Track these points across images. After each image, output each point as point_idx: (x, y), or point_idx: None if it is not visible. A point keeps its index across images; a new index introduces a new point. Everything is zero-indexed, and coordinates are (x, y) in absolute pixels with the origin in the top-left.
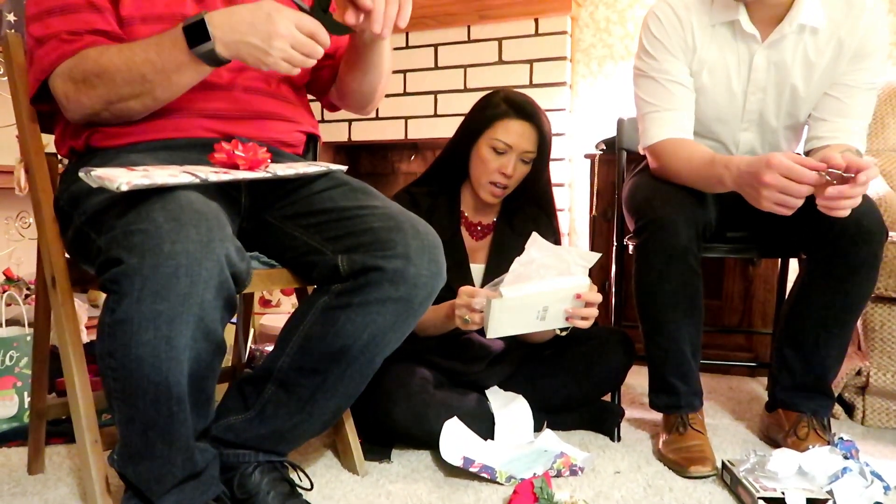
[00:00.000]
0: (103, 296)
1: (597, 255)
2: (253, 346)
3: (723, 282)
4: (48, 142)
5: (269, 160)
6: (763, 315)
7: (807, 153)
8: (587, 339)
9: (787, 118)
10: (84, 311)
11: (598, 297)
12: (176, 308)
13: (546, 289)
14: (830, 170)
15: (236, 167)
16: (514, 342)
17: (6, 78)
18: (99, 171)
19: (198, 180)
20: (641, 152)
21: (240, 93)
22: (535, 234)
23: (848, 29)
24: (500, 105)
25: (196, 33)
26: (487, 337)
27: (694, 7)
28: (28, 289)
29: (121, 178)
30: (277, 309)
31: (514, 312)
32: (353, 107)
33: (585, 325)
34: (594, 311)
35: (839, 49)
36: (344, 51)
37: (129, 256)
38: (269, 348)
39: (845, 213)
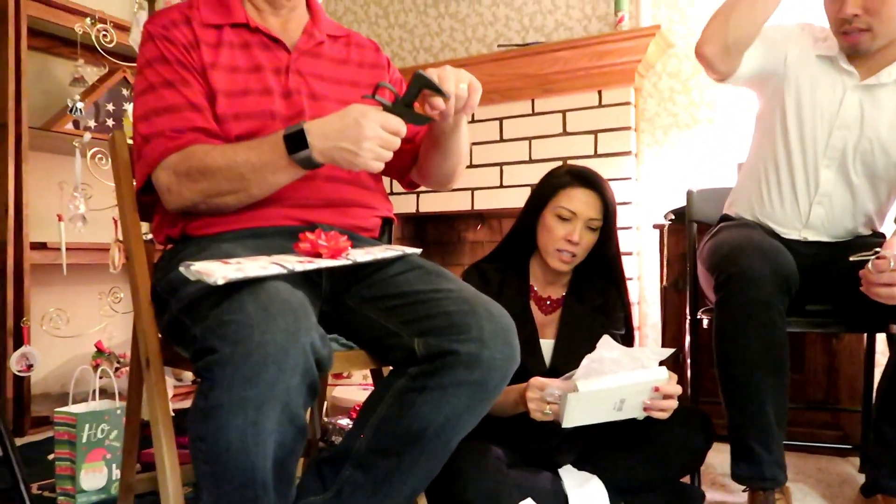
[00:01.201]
0: (187, 371)
1: (670, 351)
2: (325, 420)
3: (804, 354)
4: (145, 229)
5: (349, 247)
6: (850, 391)
7: None
8: (665, 419)
9: (865, 167)
10: (170, 384)
11: (678, 390)
12: (264, 395)
13: (623, 382)
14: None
15: (319, 256)
16: (578, 434)
17: (107, 167)
18: (197, 266)
19: (285, 271)
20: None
21: (322, 181)
22: (605, 337)
23: None
24: (564, 176)
25: (295, 141)
26: (563, 427)
27: (806, 34)
28: (118, 361)
29: (217, 273)
30: (349, 381)
31: (591, 405)
32: (434, 185)
33: (664, 416)
34: (674, 403)
35: None
36: (423, 135)
37: (223, 345)
38: (342, 421)
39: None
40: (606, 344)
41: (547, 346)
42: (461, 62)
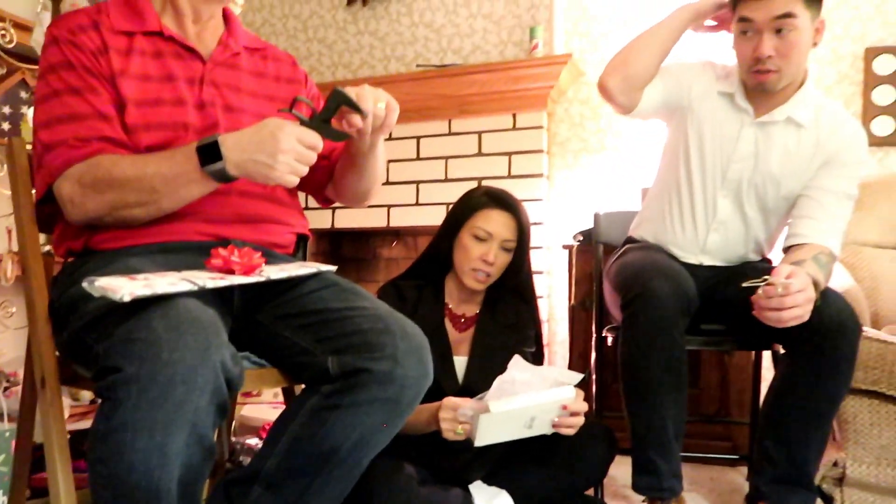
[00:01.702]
0: (84, 390)
1: (579, 375)
2: (234, 439)
3: (700, 370)
4: (43, 241)
5: (263, 264)
6: (740, 405)
7: (786, 249)
8: None
9: (757, 199)
10: (66, 404)
11: (585, 407)
12: (171, 415)
13: (534, 402)
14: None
15: (232, 272)
16: (490, 450)
17: (3, 174)
18: (102, 282)
19: (195, 287)
20: None
21: (236, 197)
22: (516, 357)
23: (827, 134)
24: (481, 197)
25: (209, 153)
26: (475, 446)
27: (709, 70)
28: (8, 380)
29: (123, 289)
30: (258, 399)
31: (502, 424)
32: (350, 202)
33: (571, 432)
34: (580, 420)
35: (815, 149)
36: (340, 152)
37: (128, 364)
38: (251, 440)
39: (782, 324)
40: (517, 364)
41: (460, 363)
42: (380, 79)
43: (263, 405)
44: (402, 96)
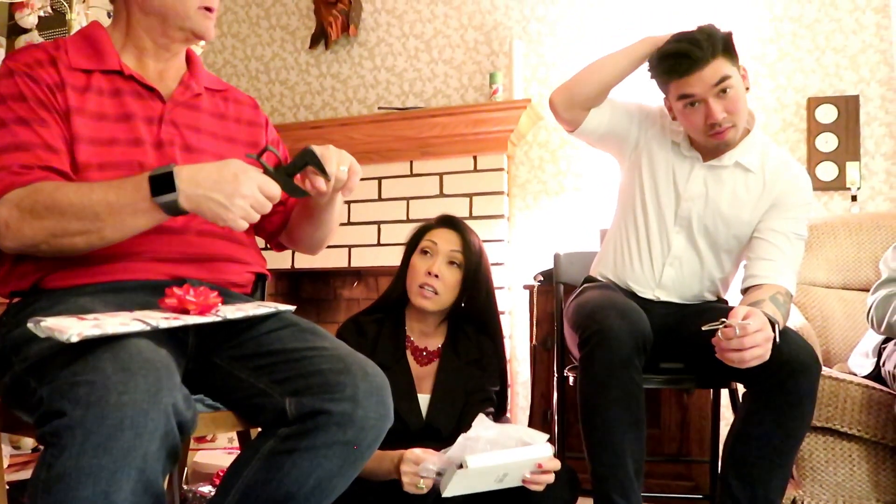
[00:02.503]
0: (26, 438)
1: (544, 436)
2: (185, 487)
3: (660, 410)
4: None
5: (219, 303)
6: (700, 444)
7: (743, 290)
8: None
9: (708, 237)
10: (6, 452)
11: (557, 465)
12: (118, 462)
13: (510, 459)
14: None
15: (187, 312)
16: None
17: None
18: (49, 322)
19: (148, 328)
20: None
21: (193, 236)
22: (480, 416)
23: (773, 178)
24: (431, 221)
25: (161, 183)
26: (443, 496)
27: (664, 118)
28: None
29: (71, 330)
30: (212, 444)
31: (475, 478)
32: (303, 250)
33: (539, 489)
34: (550, 478)
35: (762, 192)
36: (296, 201)
37: (73, 408)
38: (203, 488)
39: (744, 364)
40: (482, 423)
41: (424, 400)
42: (342, 121)
43: (218, 451)
44: (363, 138)
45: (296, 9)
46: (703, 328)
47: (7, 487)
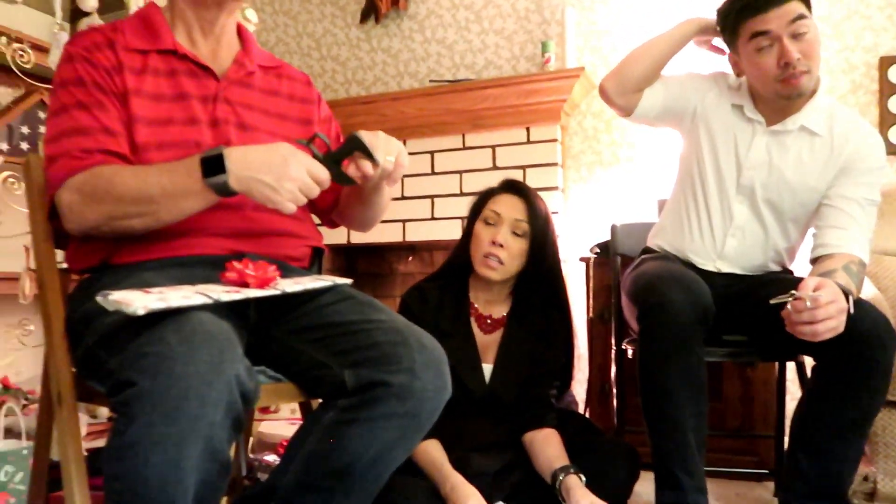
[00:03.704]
0: (101, 408)
1: None
2: (251, 456)
3: (721, 384)
4: (59, 258)
5: (278, 277)
6: (764, 418)
7: (813, 260)
8: (592, 451)
9: (772, 205)
10: (84, 421)
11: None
12: (185, 431)
13: None
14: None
15: (246, 285)
16: (516, 460)
17: (20, 192)
18: (116, 296)
19: (210, 301)
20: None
21: (250, 211)
22: None
23: (842, 141)
24: (494, 186)
25: (212, 165)
26: None
27: (721, 82)
28: (26, 398)
29: (137, 303)
30: (276, 415)
31: None
32: (354, 228)
33: None
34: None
35: (830, 156)
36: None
37: (141, 378)
38: (268, 457)
39: (818, 337)
40: None
41: (487, 368)
42: (393, 95)
43: (281, 421)
44: (415, 111)
45: None
46: (772, 301)
47: (85, 454)
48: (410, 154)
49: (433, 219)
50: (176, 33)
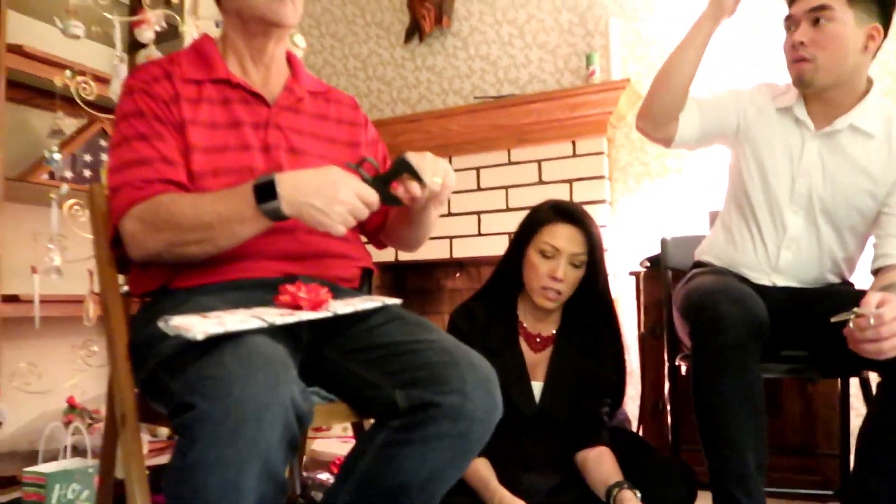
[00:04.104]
0: (162, 427)
1: None
2: (305, 474)
3: (781, 399)
4: (121, 281)
5: (330, 299)
6: (827, 436)
7: (874, 272)
8: (646, 470)
9: (828, 213)
10: (145, 440)
11: None
12: (243, 452)
13: None
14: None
15: (299, 308)
16: (568, 479)
17: (84, 219)
18: (176, 321)
19: (265, 325)
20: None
21: (302, 234)
22: None
23: None
24: (547, 212)
25: (265, 191)
26: None
27: (764, 92)
28: (91, 417)
29: (197, 328)
30: (328, 433)
31: None
32: (401, 248)
33: None
34: None
35: (889, 161)
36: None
37: (202, 401)
38: (322, 475)
39: (883, 355)
40: None
41: (537, 387)
42: (438, 113)
43: (333, 439)
44: (460, 128)
45: (389, 4)
46: (833, 320)
47: (147, 472)
48: (456, 171)
49: (480, 235)
50: (228, 63)
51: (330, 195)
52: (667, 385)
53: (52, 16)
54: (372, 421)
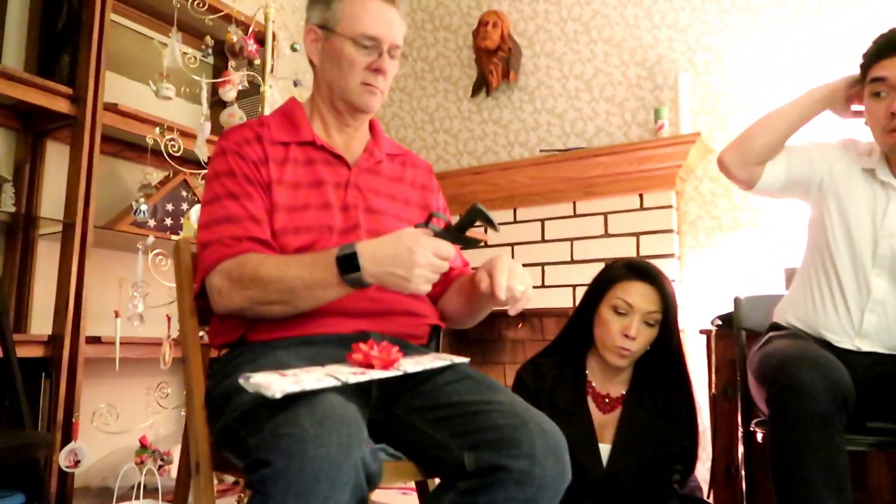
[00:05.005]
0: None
1: None
2: None
3: (866, 472)
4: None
5: (400, 357)
6: None
7: None
8: None
9: None
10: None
11: None
12: None
13: None
14: None
15: (371, 367)
16: None
17: (166, 267)
18: (256, 378)
19: (339, 384)
20: None
21: (374, 291)
22: None
23: None
24: (620, 269)
25: (347, 262)
26: None
27: (850, 148)
28: (162, 459)
29: (275, 386)
30: (388, 483)
31: None
32: (449, 322)
33: None
34: None
35: None
36: (457, 271)
37: (277, 458)
38: None
39: None
40: None
41: (604, 449)
42: (504, 165)
43: (392, 490)
44: (526, 180)
45: (457, 60)
46: None
47: None
48: (520, 222)
49: (543, 286)
50: (314, 126)
51: (408, 261)
52: (740, 449)
53: (146, 76)
54: (437, 480)
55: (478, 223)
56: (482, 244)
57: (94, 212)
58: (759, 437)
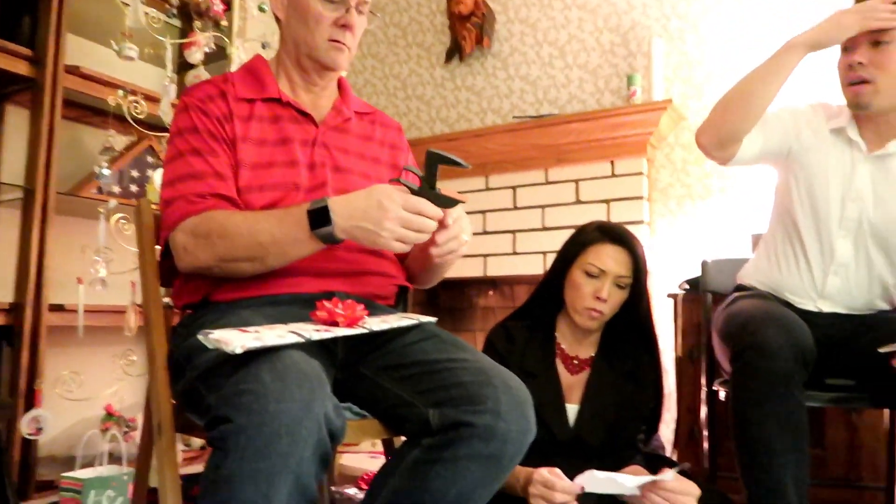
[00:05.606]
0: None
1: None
2: (333, 489)
3: (824, 430)
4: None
5: (366, 315)
6: (873, 468)
7: None
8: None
9: (879, 239)
10: (178, 448)
11: (688, 489)
12: (276, 466)
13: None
14: None
15: (336, 324)
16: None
17: (129, 232)
18: (215, 335)
19: (302, 340)
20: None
21: (341, 251)
22: (588, 473)
23: None
24: (593, 232)
25: (318, 217)
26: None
27: (819, 112)
28: (127, 426)
29: (235, 342)
30: (356, 448)
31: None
32: (414, 284)
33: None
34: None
35: None
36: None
37: (237, 415)
38: (350, 490)
39: None
40: (591, 480)
41: (572, 410)
42: (476, 132)
43: (362, 454)
44: (498, 147)
45: (431, 26)
46: (881, 350)
47: (180, 481)
48: (492, 189)
49: (515, 254)
50: (280, 83)
51: (378, 216)
52: (703, 410)
53: (108, 38)
54: (403, 438)
55: (443, 167)
56: (461, 203)
57: (55, 177)
58: (722, 395)
